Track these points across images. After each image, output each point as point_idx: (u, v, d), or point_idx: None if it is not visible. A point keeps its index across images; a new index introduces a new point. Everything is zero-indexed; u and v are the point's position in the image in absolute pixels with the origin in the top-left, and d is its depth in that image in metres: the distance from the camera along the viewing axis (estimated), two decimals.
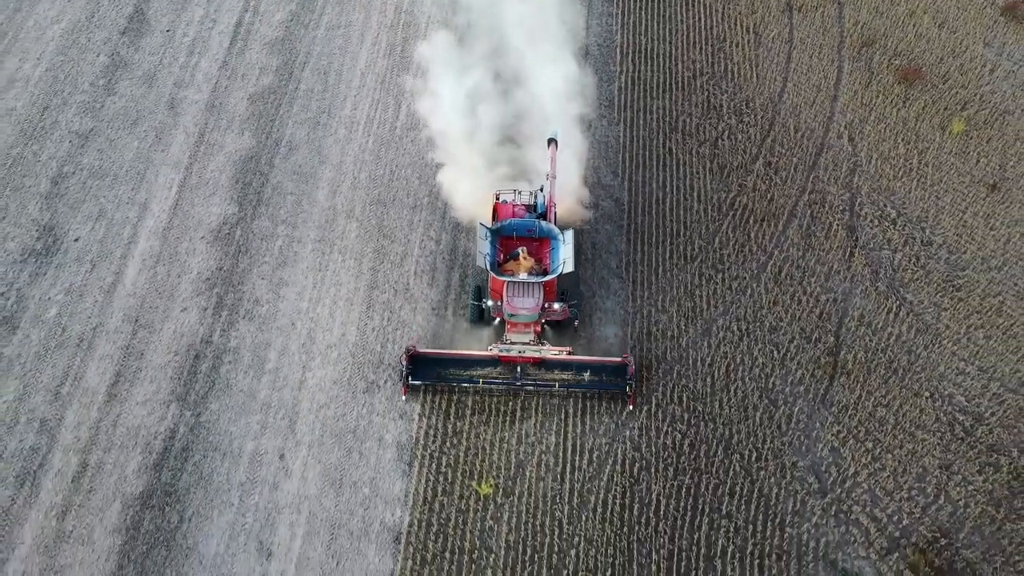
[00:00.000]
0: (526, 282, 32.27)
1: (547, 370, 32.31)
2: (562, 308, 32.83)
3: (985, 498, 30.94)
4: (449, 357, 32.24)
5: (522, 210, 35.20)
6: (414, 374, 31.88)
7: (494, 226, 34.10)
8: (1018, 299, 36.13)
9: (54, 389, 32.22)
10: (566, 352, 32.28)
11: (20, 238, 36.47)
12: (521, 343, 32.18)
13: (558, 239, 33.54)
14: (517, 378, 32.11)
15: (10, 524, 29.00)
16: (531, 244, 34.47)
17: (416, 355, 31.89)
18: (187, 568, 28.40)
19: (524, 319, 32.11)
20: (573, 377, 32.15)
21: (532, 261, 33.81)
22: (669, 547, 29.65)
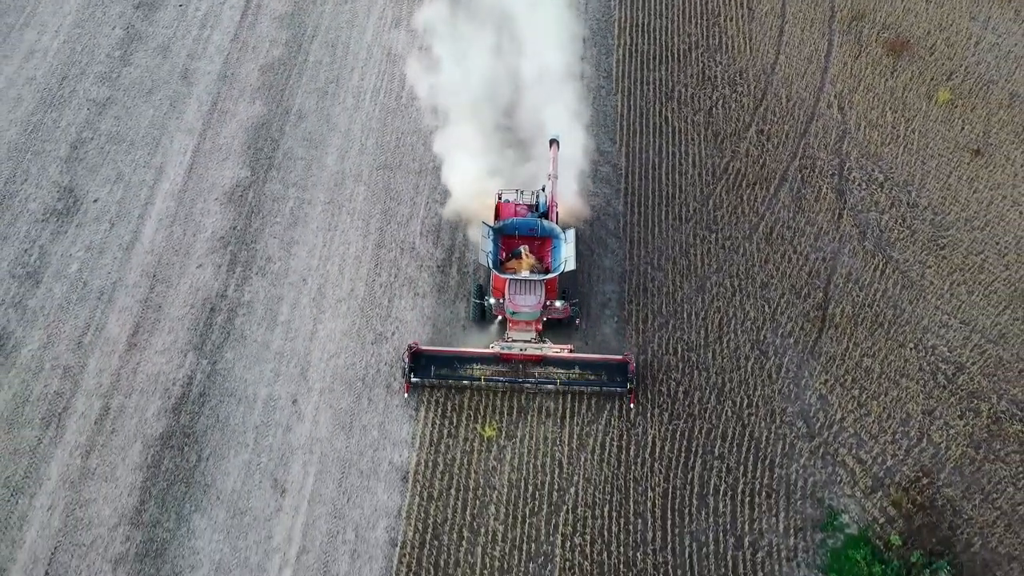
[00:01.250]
0: (528, 280, 32.13)
1: (548, 368, 32.10)
2: (563, 306, 32.56)
3: (966, 440, 32.10)
4: (451, 355, 32.12)
5: (524, 209, 34.95)
6: (416, 371, 31.71)
7: (496, 225, 33.92)
8: (999, 257, 37.28)
9: (76, 338, 33.38)
10: (567, 350, 32.16)
11: (42, 199, 37.62)
12: (523, 341, 32.07)
13: (560, 238, 33.43)
14: (518, 376, 31.97)
15: (37, 462, 30.16)
16: (533, 243, 34.34)
17: (418, 352, 31.78)
18: (205, 503, 29.58)
19: (526, 317, 31.93)
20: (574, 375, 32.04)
21: (534, 260, 33.70)
22: (664, 486, 30.81)
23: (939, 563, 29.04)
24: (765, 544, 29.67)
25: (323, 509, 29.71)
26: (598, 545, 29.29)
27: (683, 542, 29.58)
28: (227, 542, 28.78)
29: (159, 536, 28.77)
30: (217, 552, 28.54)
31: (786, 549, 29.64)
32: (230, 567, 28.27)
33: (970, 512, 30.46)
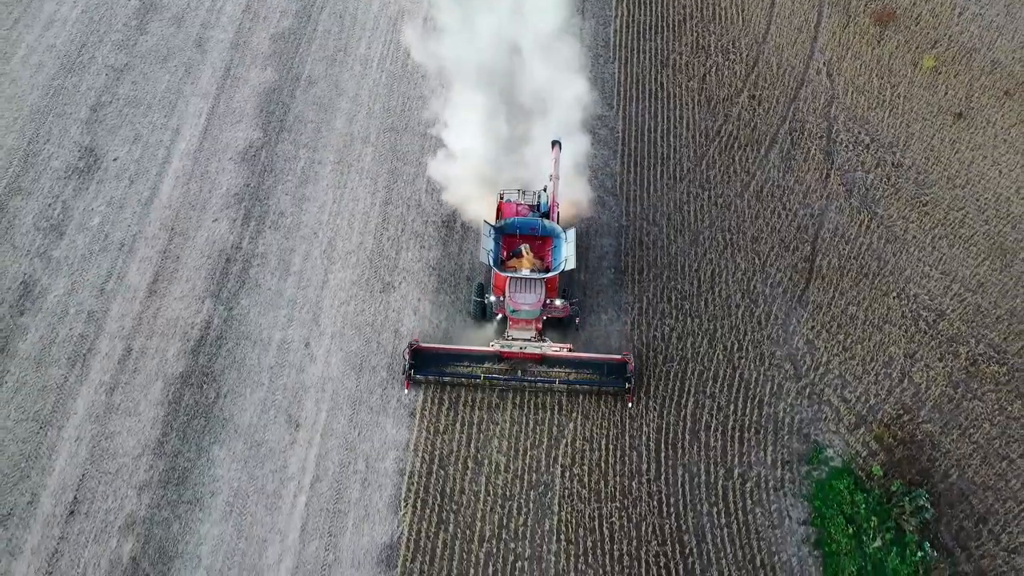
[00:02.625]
0: (528, 278, 32.07)
1: (548, 366, 32.20)
2: (563, 305, 32.49)
3: (945, 381, 33.45)
4: (451, 352, 32.13)
5: (525, 209, 34.95)
6: (417, 368, 31.64)
7: (498, 224, 33.90)
8: (979, 212, 38.59)
9: (99, 286, 34.68)
10: (567, 349, 32.15)
11: (64, 158, 38.89)
12: (523, 339, 32.07)
13: (560, 237, 33.25)
14: (518, 374, 32.03)
15: (64, 398, 31.48)
16: (534, 242, 34.20)
17: (419, 350, 31.75)
18: (224, 436, 30.91)
19: (526, 315, 31.91)
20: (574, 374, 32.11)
21: (535, 259, 33.62)
22: (658, 422, 32.15)
23: (918, 492, 30.39)
24: (753, 475, 31.01)
25: (335, 442, 31.04)
26: (595, 475, 30.64)
27: (676, 473, 30.93)
28: (245, 471, 30.11)
29: (180, 465, 30.11)
30: (236, 480, 29.88)
31: (773, 480, 30.99)
32: (248, 493, 29.61)
33: (948, 446, 31.82)
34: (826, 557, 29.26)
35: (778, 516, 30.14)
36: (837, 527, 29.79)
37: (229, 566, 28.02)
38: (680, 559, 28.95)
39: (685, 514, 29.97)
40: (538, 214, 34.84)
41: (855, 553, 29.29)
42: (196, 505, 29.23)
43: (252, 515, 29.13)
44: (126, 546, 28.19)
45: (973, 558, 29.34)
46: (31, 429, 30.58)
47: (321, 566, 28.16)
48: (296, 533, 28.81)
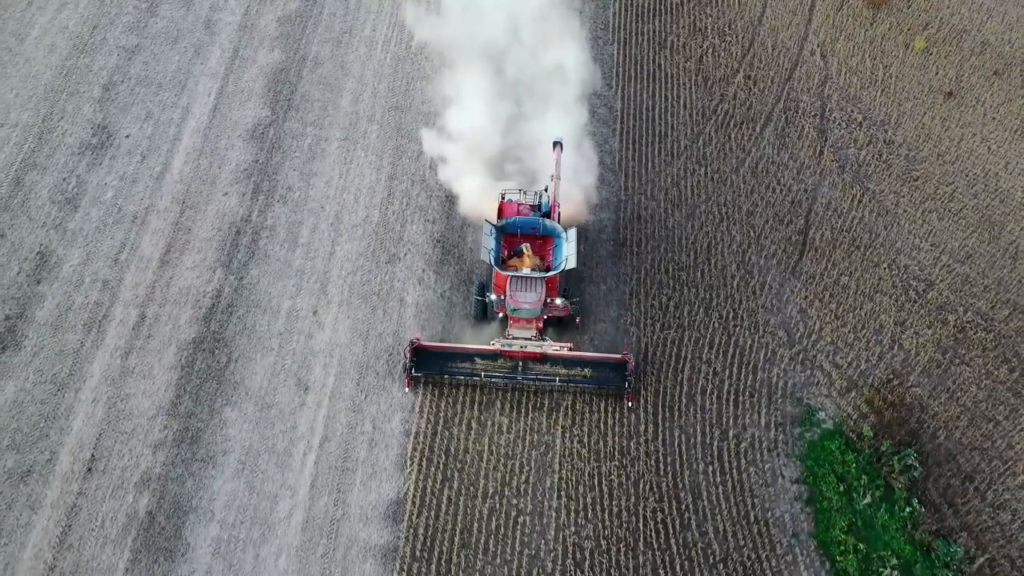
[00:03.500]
0: (529, 277, 31.89)
1: (548, 365, 32.00)
2: (564, 304, 32.35)
3: (934, 347, 34.28)
4: (452, 351, 32.04)
5: (527, 209, 34.77)
6: (417, 366, 31.58)
7: (499, 223, 33.76)
8: (968, 187, 39.40)
9: (113, 256, 35.49)
10: (567, 348, 31.93)
11: (77, 134, 39.68)
12: (523, 338, 31.87)
13: (561, 237, 33.04)
14: (518, 372, 31.87)
15: (81, 362, 32.31)
16: (535, 242, 34.09)
17: (419, 348, 31.60)
18: (235, 398, 31.74)
19: (526, 314, 31.74)
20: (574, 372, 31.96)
21: (536, 258, 33.50)
22: (656, 386, 32.96)
23: (906, 451, 31.22)
24: (748, 436, 31.84)
25: (343, 404, 31.86)
26: (595, 436, 31.47)
27: (673, 434, 31.75)
28: (256, 431, 30.95)
29: (194, 425, 30.94)
30: (247, 439, 30.71)
31: (767, 441, 31.82)
32: (259, 452, 30.44)
33: (936, 408, 32.65)
34: (818, 513, 30.07)
35: (771, 475, 30.96)
36: (828, 485, 30.62)
37: (241, 520, 28.84)
38: (676, 515, 29.78)
39: (681, 472, 30.79)
40: (539, 214, 34.63)
41: (846, 509, 30.11)
42: (209, 463, 30.06)
43: (263, 472, 29.96)
44: (142, 501, 29.02)
45: (959, 513, 30.17)
46: (49, 391, 31.40)
47: (330, 520, 28.99)
48: (306, 489, 29.65)
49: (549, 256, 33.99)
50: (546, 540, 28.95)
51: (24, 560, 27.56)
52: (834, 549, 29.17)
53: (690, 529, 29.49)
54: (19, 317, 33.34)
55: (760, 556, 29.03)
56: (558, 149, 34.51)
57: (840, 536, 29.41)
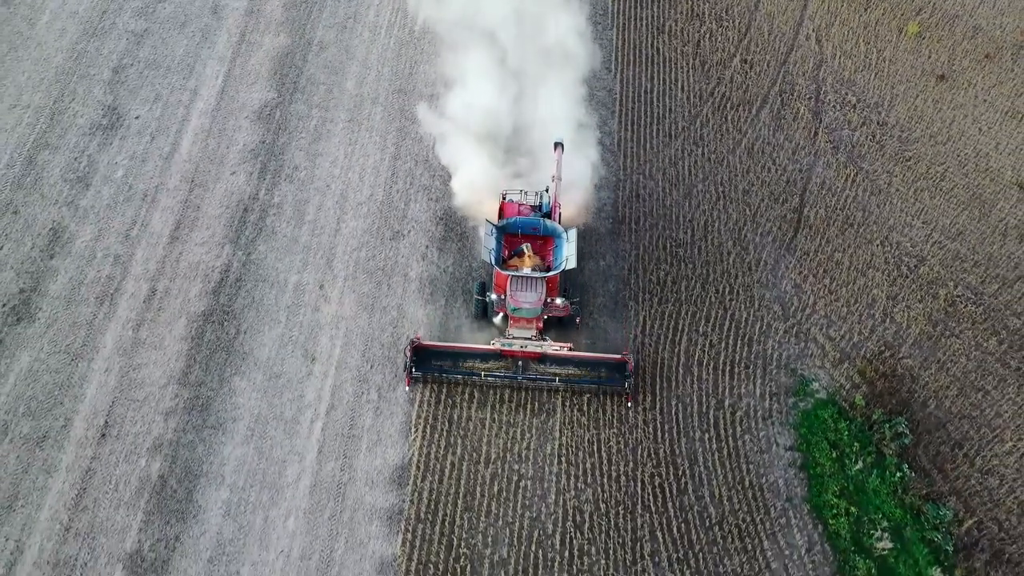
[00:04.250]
0: (529, 277, 31.82)
1: (548, 365, 31.94)
2: (564, 304, 32.28)
3: (925, 320, 34.94)
4: (452, 350, 31.98)
5: (527, 209, 34.84)
6: (417, 365, 31.48)
7: (500, 223, 33.76)
8: (959, 167, 40.03)
9: (124, 232, 36.15)
10: (567, 348, 31.93)
11: (88, 115, 40.33)
12: (523, 338, 31.86)
13: (562, 237, 33.02)
14: (518, 372, 31.77)
15: (94, 333, 32.98)
16: (535, 242, 34.09)
17: (420, 347, 31.59)
18: (244, 368, 32.41)
19: (527, 314, 31.67)
20: (573, 372, 31.92)
21: (536, 258, 33.47)
22: (654, 357, 33.63)
23: (897, 419, 31.89)
24: (743, 406, 32.50)
25: (349, 374, 32.53)
26: (594, 404, 32.11)
27: (670, 403, 32.41)
28: (264, 400, 31.62)
29: (204, 394, 31.61)
30: (256, 407, 31.38)
31: (762, 410, 32.48)
32: (267, 419, 31.12)
33: (927, 379, 33.32)
34: (811, 478, 30.74)
35: (766, 442, 31.63)
36: (821, 452, 31.29)
37: (251, 484, 29.53)
38: (674, 479, 30.45)
39: (679, 440, 31.46)
40: (540, 214, 34.69)
41: (838, 475, 30.77)
42: (219, 430, 30.74)
43: (272, 439, 30.63)
44: (154, 465, 29.70)
45: (949, 479, 30.85)
46: (63, 361, 32.07)
47: (337, 484, 29.66)
48: (313, 455, 30.32)
49: (549, 256, 33.96)
50: (547, 504, 29.62)
51: (41, 521, 28.24)
52: (826, 512, 29.82)
53: (687, 493, 30.16)
54: (33, 290, 34.01)
55: (755, 519, 29.69)
56: (559, 150, 34.50)
57: (832, 500, 30.06)
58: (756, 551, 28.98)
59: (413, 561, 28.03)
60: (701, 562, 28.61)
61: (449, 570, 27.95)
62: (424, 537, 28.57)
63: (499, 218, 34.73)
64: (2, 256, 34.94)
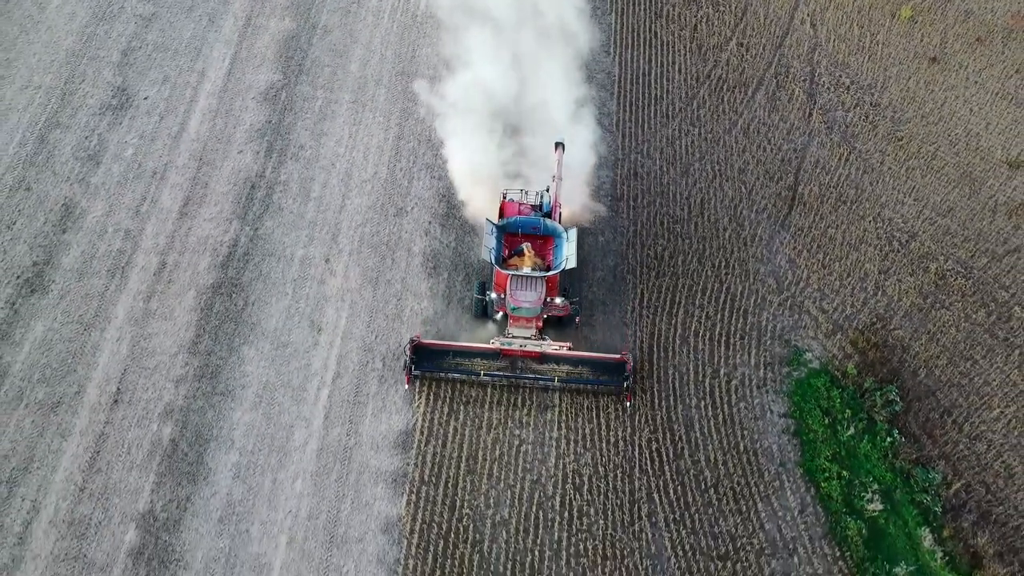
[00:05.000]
0: (529, 276, 31.76)
1: (547, 364, 31.92)
2: (563, 303, 32.16)
3: (915, 292, 35.63)
4: (452, 349, 31.83)
5: (528, 209, 34.66)
6: (417, 364, 31.33)
7: (500, 222, 33.65)
8: (951, 146, 40.72)
9: (134, 208, 36.83)
10: (566, 348, 31.86)
11: (98, 96, 40.99)
12: (523, 337, 31.80)
13: (562, 237, 32.94)
14: (518, 371, 31.71)
15: (106, 304, 33.66)
16: (535, 241, 34.00)
17: (420, 346, 31.48)
18: (252, 338, 33.10)
19: (526, 313, 31.56)
20: (572, 371, 31.83)
21: (536, 257, 33.33)
22: (651, 328, 34.32)
23: (888, 387, 32.59)
24: (738, 375, 33.19)
25: (354, 344, 33.22)
26: None
27: (667, 372, 33.11)
28: (272, 368, 32.31)
29: (213, 363, 32.30)
30: (264, 375, 32.07)
31: (756, 379, 33.17)
32: (275, 387, 31.80)
33: (917, 349, 34.01)
34: (804, 444, 31.43)
35: (760, 409, 32.32)
36: (814, 418, 31.98)
37: (259, 447, 30.23)
38: (670, 444, 31.15)
39: (675, 406, 32.15)
40: (540, 214, 34.55)
41: (830, 440, 31.48)
42: (228, 396, 31.43)
43: (280, 405, 31.32)
44: (166, 430, 30.39)
45: (938, 444, 31.55)
46: (76, 330, 32.76)
47: (343, 448, 30.36)
48: (320, 420, 31.02)
49: (549, 256, 33.88)
50: (547, 467, 30.31)
51: (56, 482, 28.93)
52: (819, 476, 30.52)
53: (683, 457, 30.86)
54: (46, 263, 34.69)
55: (749, 482, 30.39)
56: (560, 150, 34.57)
57: (825, 464, 30.76)
58: (750, 512, 29.68)
59: (417, 521, 28.73)
60: (697, 522, 29.31)
61: (452, 529, 28.64)
62: (428, 498, 29.27)
63: (499, 217, 34.56)
64: (16, 231, 35.61)
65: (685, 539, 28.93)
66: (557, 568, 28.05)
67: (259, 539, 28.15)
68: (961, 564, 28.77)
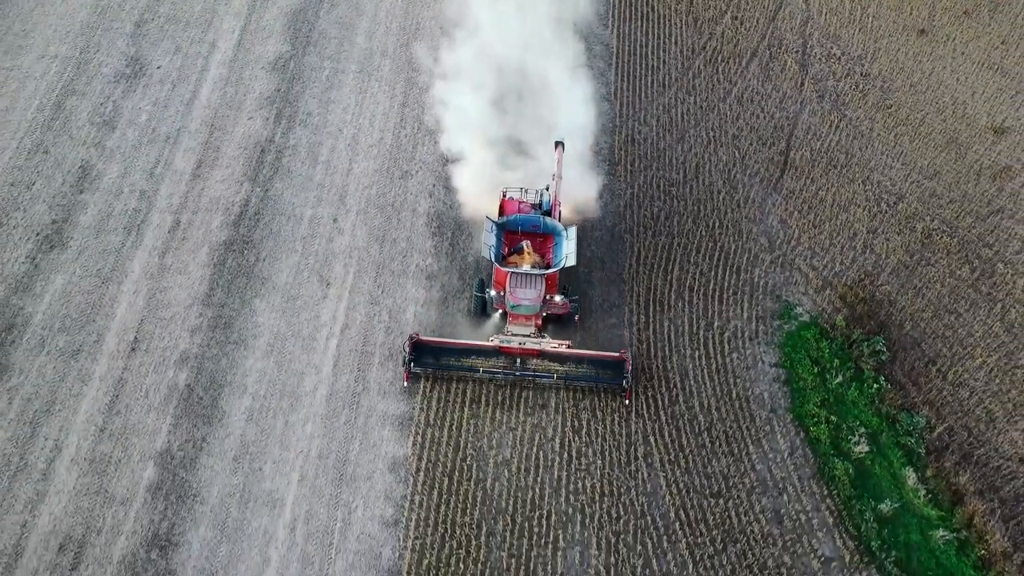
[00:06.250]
0: (529, 273, 31.54)
1: (546, 362, 31.58)
2: (563, 301, 31.91)
3: (902, 250, 36.62)
4: (451, 346, 31.64)
5: (528, 207, 34.58)
6: (417, 361, 31.14)
7: (500, 220, 33.48)
8: (938, 113, 41.72)
9: (149, 170, 37.80)
10: (565, 346, 31.64)
11: (112, 65, 41.97)
12: (522, 335, 31.58)
13: (561, 235, 32.74)
14: (517, 369, 31.42)
15: (123, 260, 34.66)
16: (535, 239, 33.76)
17: (419, 343, 31.27)
18: (264, 291, 34.09)
19: (526, 310, 31.32)
20: (572, 369, 31.47)
21: (536, 255, 33.17)
22: (647, 284, 35.31)
23: (875, 338, 33.59)
24: (731, 327, 34.19)
25: (362, 298, 34.21)
26: (590, 322, 33.80)
27: (663, 325, 34.11)
28: (283, 319, 33.30)
29: (226, 314, 33.29)
30: (275, 326, 33.07)
31: (749, 331, 34.17)
32: (286, 337, 32.80)
33: (903, 303, 35.01)
34: (794, 392, 32.43)
35: (752, 359, 33.32)
36: (804, 367, 32.97)
37: (271, 393, 31.23)
38: (665, 391, 32.16)
39: (670, 356, 33.16)
40: (540, 212, 34.46)
41: (819, 388, 32.47)
42: (241, 345, 32.44)
43: (290, 353, 32.32)
44: (181, 376, 31.40)
45: (922, 391, 32.56)
46: (94, 283, 33.76)
47: (352, 394, 31.37)
48: (329, 368, 32.01)
49: (549, 254, 33.73)
50: (547, 411, 31.30)
51: (77, 423, 29.95)
52: (808, 420, 31.52)
53: (677, 403, 31.87)
54: (64, 221, 35.69)
55: (741, 426, 31.39)
56: (560, 149, 34.72)
57: (814, 410, 31.75)
58: (742, 454, 30.68)
59: (423, 460, 29.74)
60: (691, 463, 30.32)
61: (456, 468, 29.65)
62: (433, 439, 30.28)
63: (499, 215, 34.46)
64: (35, 191, 36.60)
65: (679, 478, 29.94)
66: (557, 504, 29.07)
67: (272, 476, 29.16)
68: (943, 501, 29.79)
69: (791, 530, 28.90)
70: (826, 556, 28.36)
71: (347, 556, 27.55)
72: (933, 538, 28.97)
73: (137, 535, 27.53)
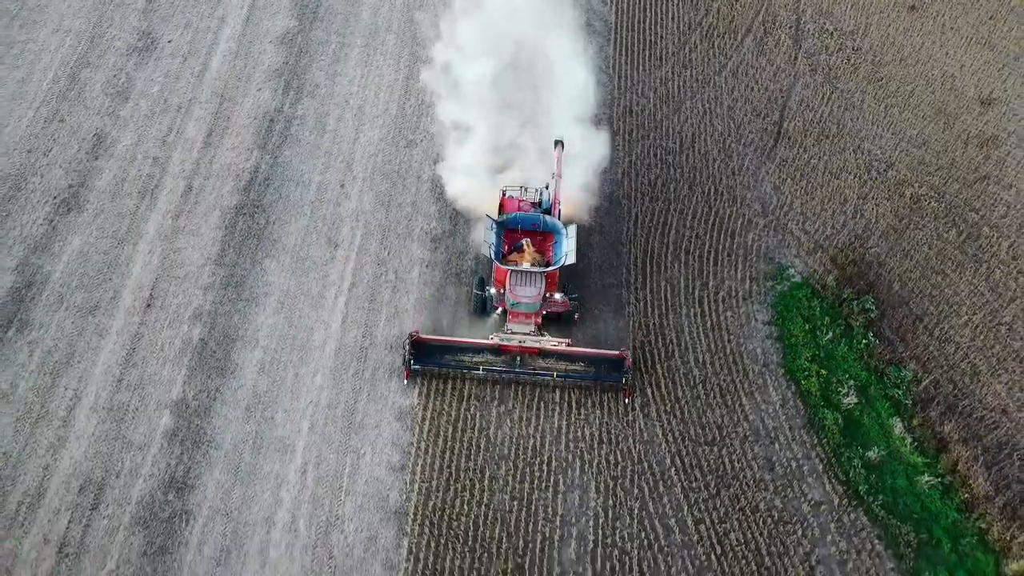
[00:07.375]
0: (529, 271, 31.53)
1: (546, 360, 31.56)
2: (563, 299, 31.97)
3: (891, 215, 37.52)
4: (451, 344, 31.56)
5: (528, 206, 34.66)
6: (416, 359, 31.09)
7: (500, 218, 33.39)
8: (927, 85, 42.55)
9: (161, 138, 38.68)
10: (565, 344, 31.55)
11: (125, 39, 42.82)
12: (522, 333, 31.55)
13: (561, 233, 32.59)
14: (516, 367, 31.37)
15: (137, 222, 35.57)
16: (535, 238, 33.76)
17: (419, 341, 31.08)
18: (274, 252, 35.00)
19: (525, 308, 31.30)
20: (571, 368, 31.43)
21: (536, 253, 33.24)
22: (644, 246, 36.21)
23: (865, 297, 34.50)
24: (725, 288, 35.09)
25: (368, 258, 35.12)
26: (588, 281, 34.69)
27: (659, 284, 35.02)
28: (293, 278, 34.22)
29: (238, 273, 34.21)
30: (285, 284, 33.99)
31: (742, 291, 35.08)
32: (296, 295, 33.72)
33: (892, 264, 35.91)
34: (786, 348, 33.35)
35: (746, 317, 34.24)
36: (796, 325, 33.89)
37: (282, 347, 32.16)
38: (662, 347, 33.08)
39: (666, 314, 34.07)
40: (540, 211, 34.44)
41: (810, 344, 33.39)
42: (252, 302, 33.35)
43: (300, 310, 33.24)
44: (195, 331, 32.33)
45: (909, 346, 33.47)
46: (111, 244, 34.68)
47: (359, 348, 32.29)
48: (338, 324, 32.94)
49: (549, 252, 33.68)
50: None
51: (96, 374, 30.88)
52: (799, 374, 32.43)
53: (673, 358, 32.79)
54: (81, 186, 36.58)
55: (735, 380, 32.32)
56: (559, 148, 34.50)
57: (805, 364, 32.66)
58: (736, 406, 31.61)
59: (428, 409, 30.67)
60: (687, 413, 31.26)
61: (460, 416, 30.59)
62: (438, 390, 31.21)
63: (499, 214, 34.30)
64: (51, 157, 37.48)
65: (675, 427, 30.89)
66: (557, 450, 30.02)
67: (283, 424, 30.11)
68: (928, 448, 30.74)
69: (782, 476, 29.85)
70: (815, 500, 29.30)
71: (356, 498, 28.49)
72: (919, 483, 29.91)
73: (154, 478, 28.48)
